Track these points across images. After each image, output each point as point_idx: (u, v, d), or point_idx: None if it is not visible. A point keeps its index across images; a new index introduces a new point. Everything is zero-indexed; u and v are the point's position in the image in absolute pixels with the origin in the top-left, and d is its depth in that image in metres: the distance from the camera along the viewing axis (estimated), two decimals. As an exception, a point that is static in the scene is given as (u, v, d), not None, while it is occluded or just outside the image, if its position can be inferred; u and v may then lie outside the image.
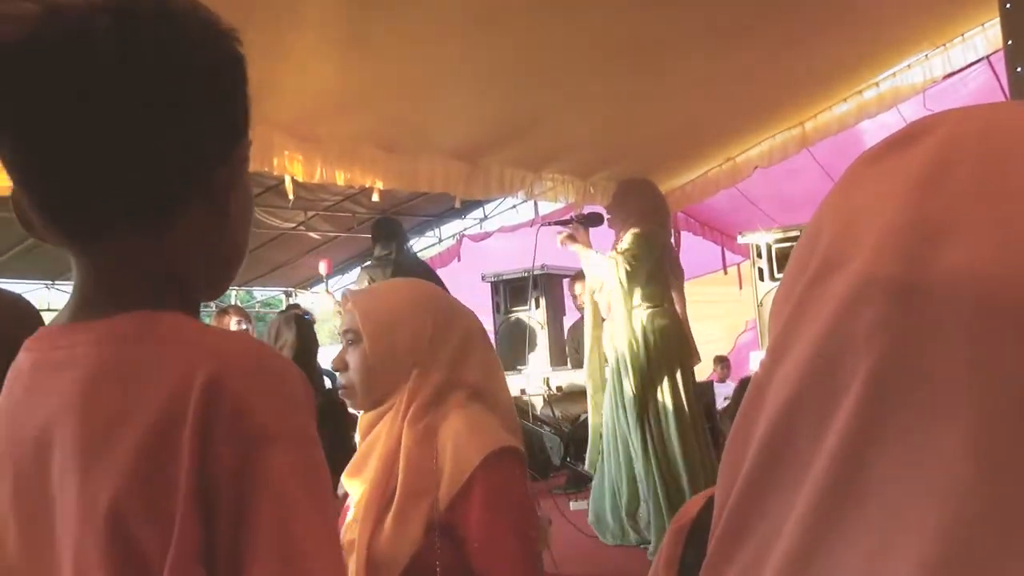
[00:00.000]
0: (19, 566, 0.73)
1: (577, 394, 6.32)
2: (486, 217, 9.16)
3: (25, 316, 1.44)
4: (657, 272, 4.74)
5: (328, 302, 5.60)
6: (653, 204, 4.94)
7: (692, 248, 7.60)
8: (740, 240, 6.40)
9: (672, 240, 4.94)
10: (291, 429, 0.69)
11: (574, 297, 6.74)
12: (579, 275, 6.49)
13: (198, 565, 0.65)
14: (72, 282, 0.76)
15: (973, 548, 0.35)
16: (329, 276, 6.07)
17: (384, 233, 5.58)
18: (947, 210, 0.39)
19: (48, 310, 7.14)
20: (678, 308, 4.86)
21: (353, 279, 7.87)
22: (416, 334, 1.59)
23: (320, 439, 0.72)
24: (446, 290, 5.58)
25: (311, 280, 9.14)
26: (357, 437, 1.64)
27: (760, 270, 5.89)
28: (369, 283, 5.29)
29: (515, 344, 6.92)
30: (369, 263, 5.59)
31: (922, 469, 0.37)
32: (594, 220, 5.01)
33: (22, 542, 0.73)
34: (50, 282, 7.40)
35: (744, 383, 3.50)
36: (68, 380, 0.70)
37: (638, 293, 4.69)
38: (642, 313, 4.69)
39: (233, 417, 0.66)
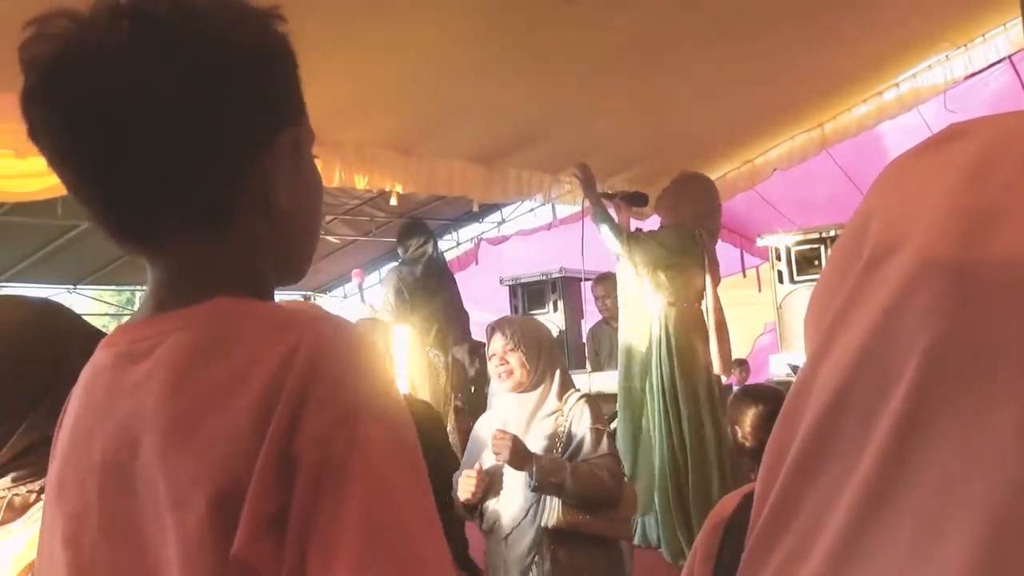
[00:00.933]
0: (100, 560, 0.72)
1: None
2: (504, 220, 9.15)
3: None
4: (689, 269, 4.67)
5: (360, 310, 5.57)
6: (709, 208, 4.85)
7: (711, 251, 7.58)
8: (759, 242, 6.37)
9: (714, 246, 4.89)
10: (385, 406, 0.67)
11: (596, 299, 6.71)
12: (603, 277, 6.47)
13: (268, 535, 0.62)
14: (93, 287, 0.76)
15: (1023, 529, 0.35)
16: (361, 284, 6.05)
17: (416, 232, 5.57)
18: (999, 197, 0.40)
19: (70, 314, 7.18)
20: (710, 312, 4.78)
21: (374, 283, 7.89)
22: None
23: None
24: (458, 291, 5.56)
25: (330, 284, 9.16)
26: None
27: (779, 272, 5.86)
28: (398, 283, 5.29)
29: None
30: (399, 263, 5.58)
31: (974, 450, 0.37)
32: (637, 200, 4.95)
33: (102, 536, 0.72)
34: (72, 287, 7.45)
35: (737, 393, 3.48)
36: (155, 368, 0.69)
37: (659, 282, 4.64)
38: (661, 305, 4.64)
39: (327, 391, 0.64)
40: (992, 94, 6.00)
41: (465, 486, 2.77)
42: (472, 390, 5.33)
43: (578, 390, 2.99)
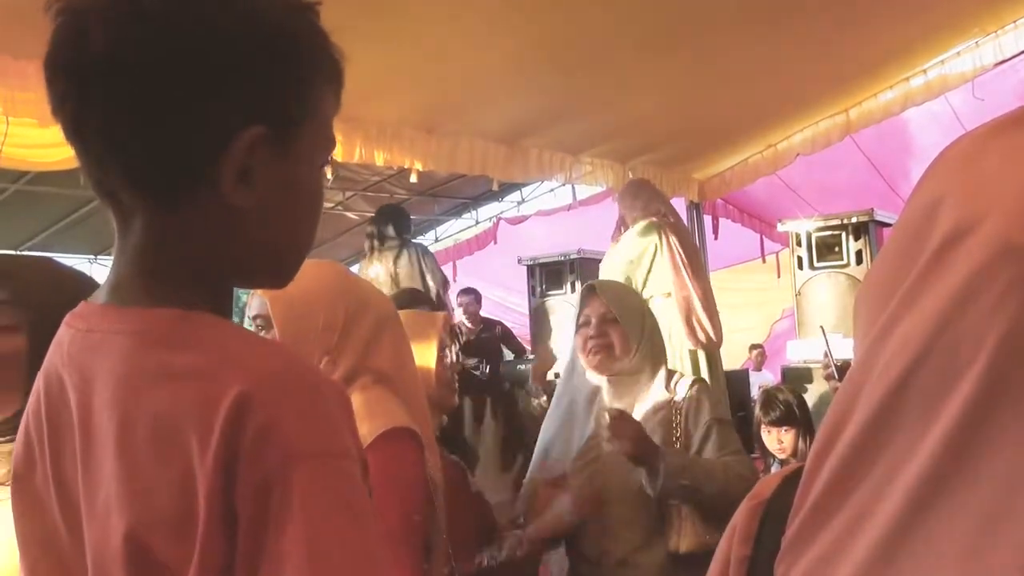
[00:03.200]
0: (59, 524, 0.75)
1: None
2: (523, 200, 9.14)
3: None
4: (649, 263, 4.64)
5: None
6: (645, 199, 4.82)
7: (730, 236, 7.53)
8: (780, 228, 6.31)
9: (682, 224, 4.82)
10: (322, 446, 0.66)
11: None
12: None
13: None
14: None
15: None
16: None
17: (392, 218, 5.43)
18: None
19: (91, 284, 7.24)
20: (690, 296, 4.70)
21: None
22: (329, 322, 1.54)
23: None
24: (446, 281, 5.40)
25: (347, 260, 9.20)
26: None
27: (799, 258, 5.80)
28: (380, 266, 5.22)
29: (542, 328, 6.90)
30: (379, 245, 5.43)
31: None
32: None
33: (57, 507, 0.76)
34: (93, 256, 7.51)
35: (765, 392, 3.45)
36: (104, 371, 0.71)
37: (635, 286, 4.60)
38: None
39: (260, 435, 0.64)
40: (1021, 82, 5.91)
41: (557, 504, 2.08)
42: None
43: (683, 375, 2.37)
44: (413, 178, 4.97)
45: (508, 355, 6.64)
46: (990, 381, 0.38)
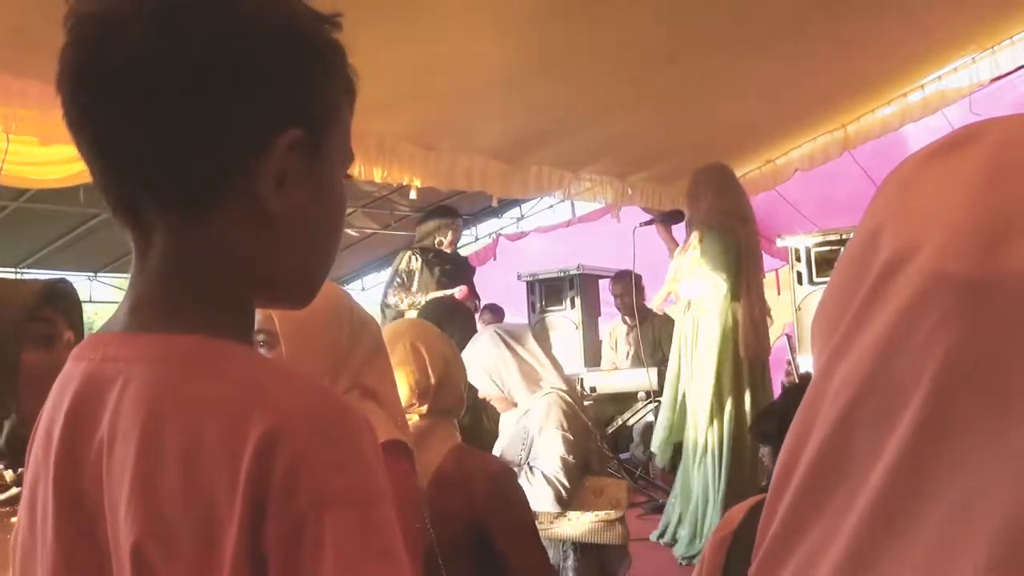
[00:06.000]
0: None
1: (611, 397, 6.26)
2: (523, 217, 9.15)
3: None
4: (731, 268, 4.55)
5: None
6: (728, 195, 4.66)
7: (730, 251, 7.53)
8: (779, 243, 6.34)
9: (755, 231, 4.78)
10: (354, 489, 0.64)
11: (615, 297, 6.69)
12: (621, 274, 6.43)
13: None
14: (113, 275, 0.74)
15: None
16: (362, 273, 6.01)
17: (445, 219, 5.43)
18: (1013, 209, 0.39)
19: (89, 301, 7.26)
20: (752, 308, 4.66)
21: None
22: (333, 342, 1.58)
23: None
24: (474, 287, 5.39)
25: (345, 277, 9.19)
26: None
27: (799, 273, 5.82)
28: (420, 269, 5.21)
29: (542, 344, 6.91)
30: (423, 248, 5.42)
31: (990, 465, 0.36)
32: (674, 217, 4.97)
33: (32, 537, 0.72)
34: (93, 274, 7.51)
35: (790, 389, 3.46)
36: (126, 403, 0.67)
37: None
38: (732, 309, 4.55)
39: (290, 475, 0.61)
40: (1018, 97, 5.93)
41: None
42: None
43: (552, 387, 2.81)
44: (413, 194, 4.98)
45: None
46: (932, 411, 0.38)
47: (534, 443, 2.70)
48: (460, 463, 1.97)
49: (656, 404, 5.48)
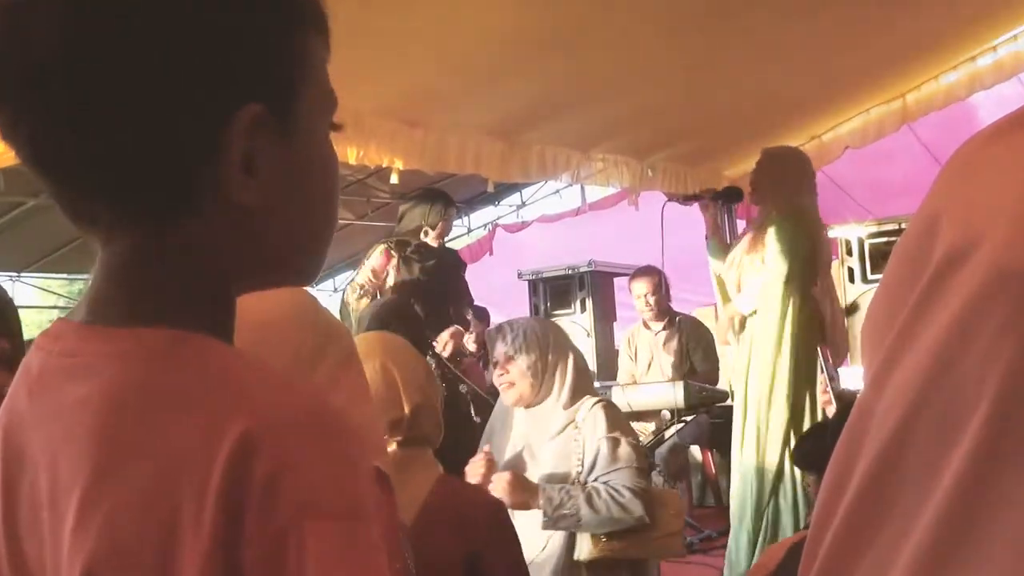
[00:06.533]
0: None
1: (631, 416, 6.24)
2: (524, 204, 9.17)
3: None
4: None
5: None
6: (796, 182, 4.67)
7: (769, 243, 7.54)
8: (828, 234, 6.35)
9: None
10: (340, 502, 0.65)
11: (636, 298, 6.68)
12: (644, 271, 6.41)
13: None
14: (41, 275, 0.76)
15: None
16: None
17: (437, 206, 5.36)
18: None
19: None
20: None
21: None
22: (294, 354, 1.59)
23: None
24: (468, 290, 5.34)
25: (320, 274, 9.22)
26: None
27: (850, 269, 5.82)
28: (396, 265, 5.18)
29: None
30: (401, 241, 5.35)
31: None
32: (732, 197, 4.87)
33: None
34: (16, 274, 7.50)
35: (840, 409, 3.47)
36: (83, 399, 0.68)
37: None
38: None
39: (270, 484, 0.62)
40: (1108, 61, 5.94)
41: (473, 470, 2.79)
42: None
43: (595, 395, 3.01)
44: (394, 178, 4.97)
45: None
46: (993, 431, 0.38)
47: (600, 456, 2.81)
48: (449, 496, 2.07)
49: (683, 424, 5.47)
